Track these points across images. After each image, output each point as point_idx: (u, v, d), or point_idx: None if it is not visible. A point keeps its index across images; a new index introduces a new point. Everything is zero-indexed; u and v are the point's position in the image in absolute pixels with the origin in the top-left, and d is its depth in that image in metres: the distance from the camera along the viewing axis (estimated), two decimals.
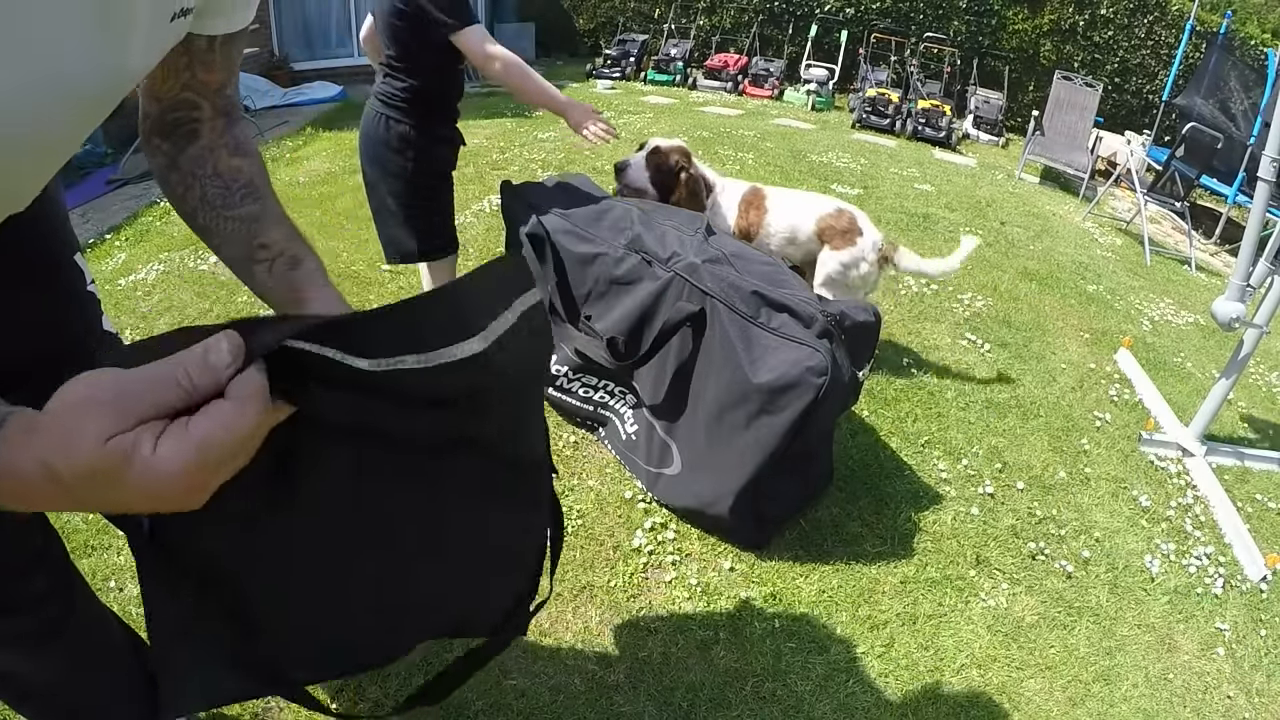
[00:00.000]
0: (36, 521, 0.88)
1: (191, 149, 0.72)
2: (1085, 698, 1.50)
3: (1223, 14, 6.53)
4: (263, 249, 0.71)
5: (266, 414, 0.39)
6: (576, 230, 1.86)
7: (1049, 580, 1.78)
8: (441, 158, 2.03)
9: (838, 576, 1.68)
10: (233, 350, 0.39)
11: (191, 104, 0.71)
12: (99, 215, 3.55)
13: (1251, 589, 1.86)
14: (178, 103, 0.70)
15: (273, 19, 6.83)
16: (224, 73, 0.72)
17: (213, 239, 0.73)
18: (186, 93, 0.70)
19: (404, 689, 1.33)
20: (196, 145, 0.72)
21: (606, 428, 1.96)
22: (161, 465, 0.36)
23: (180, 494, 0.38)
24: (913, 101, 7.09)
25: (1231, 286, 2.20)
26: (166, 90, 0.69)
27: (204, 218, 0.72)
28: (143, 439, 0.36)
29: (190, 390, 0.38)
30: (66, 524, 1.60)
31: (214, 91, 0.72)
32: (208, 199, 0.72)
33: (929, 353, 2.69)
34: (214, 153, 0.72)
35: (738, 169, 4.64)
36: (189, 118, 0.71)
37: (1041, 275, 3.62)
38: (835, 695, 1.42)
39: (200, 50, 0.68)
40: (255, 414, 0.38)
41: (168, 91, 0.69)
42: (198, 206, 0.72)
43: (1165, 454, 2.34)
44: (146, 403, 0.37)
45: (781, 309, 1.60)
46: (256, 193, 0.74)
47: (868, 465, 2.04)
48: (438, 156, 2.02)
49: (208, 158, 0.72)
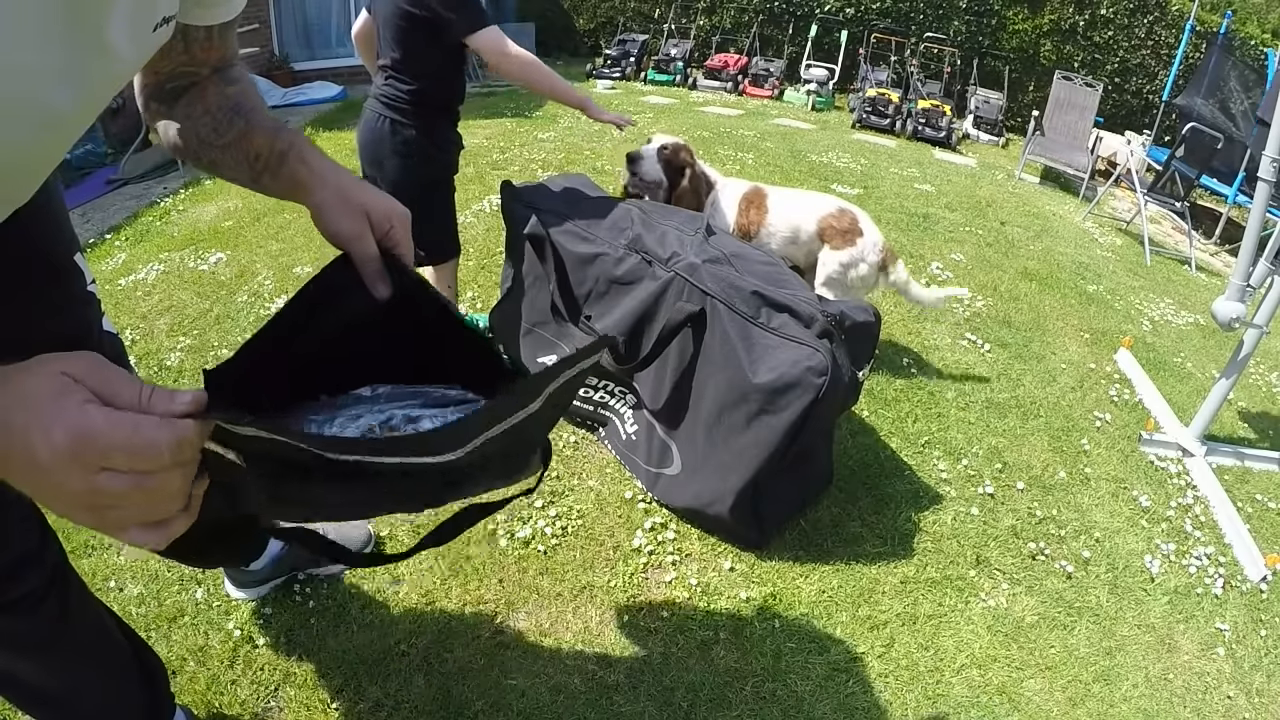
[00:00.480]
0: (33, 521, 0.88)
1: (185, 98, 0.74)
2: (1085, 698, 1.50)
3: (1223, 14, 6.53)
4: (257, 160, 0.73)
5: (171, 454, 0.41)
6: (577, 230, 1.86)
7: (1049, 580, 1.78)
8: (444, 162, 2.03)
9: (838, 576, 1.68)
10: (197, 400, 0.43)
11: (190, 74, 0.73)
12: (99, 215, 3.55)
13: (1251, 589, 1.86)
14: (175, 74, 0.72)
15: (273, 19, 6.83)
16: (222, 49, 0.74)
17: (221, 172, 0.75)
18: (184, 68, 0.72)
19: (405, 688, 1.33)
20: (190, 93, 0.74)
21: (606, 428, 1.96)
22: (63, 415, 0.39)
23: (49, 459, 0.39)
24: (913, 101, 7.09)
25: (1231, 286, 2.20)
26: (164, 67, 0.71)
27: (206, 155, 0.74)
28: (81, 390, 0.40)
29: (140, 401, 0.41)
30: (65, 524, 1.60)
31: (213, 63, 0.74)
32: (202, 136, 0.73)
33: (929, 353, 2.69)
34: (204, 93, 0.74)
35: (738, 169, 4.64)
36: (187, 84, 0.74)
37: (1041, 275, 3.62)
38: (835, 695, 1.42)
39: (198, 39, 0.71)
40: (155, 441, 0.40)
41: (165, 68, 0.71)
42: (198, 147, 0.74)
43: (1165, 454, 2.34)
44: (108, 379, 0.41)
45: (782, 309, 1.60)
46: (240, 109, 0.74)
47: (868, 465, 2.04)
48: (441, 160, 2.02)
49: (199, 100, 0.74)
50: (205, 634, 1.40)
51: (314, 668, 1.35)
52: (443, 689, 1.34)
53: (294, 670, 1.35)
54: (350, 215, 0.69)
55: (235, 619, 1.43)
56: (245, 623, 1.42)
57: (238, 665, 1.35)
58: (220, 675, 1.33)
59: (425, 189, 1.98)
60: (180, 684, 1.30)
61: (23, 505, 0.84)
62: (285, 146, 0.72)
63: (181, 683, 1.30)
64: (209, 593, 1.48)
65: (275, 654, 1.38)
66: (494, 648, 1.43)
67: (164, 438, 0.40)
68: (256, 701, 1.30)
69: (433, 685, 1.34)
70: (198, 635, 1.40)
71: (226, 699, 1.29)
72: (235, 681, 1.32)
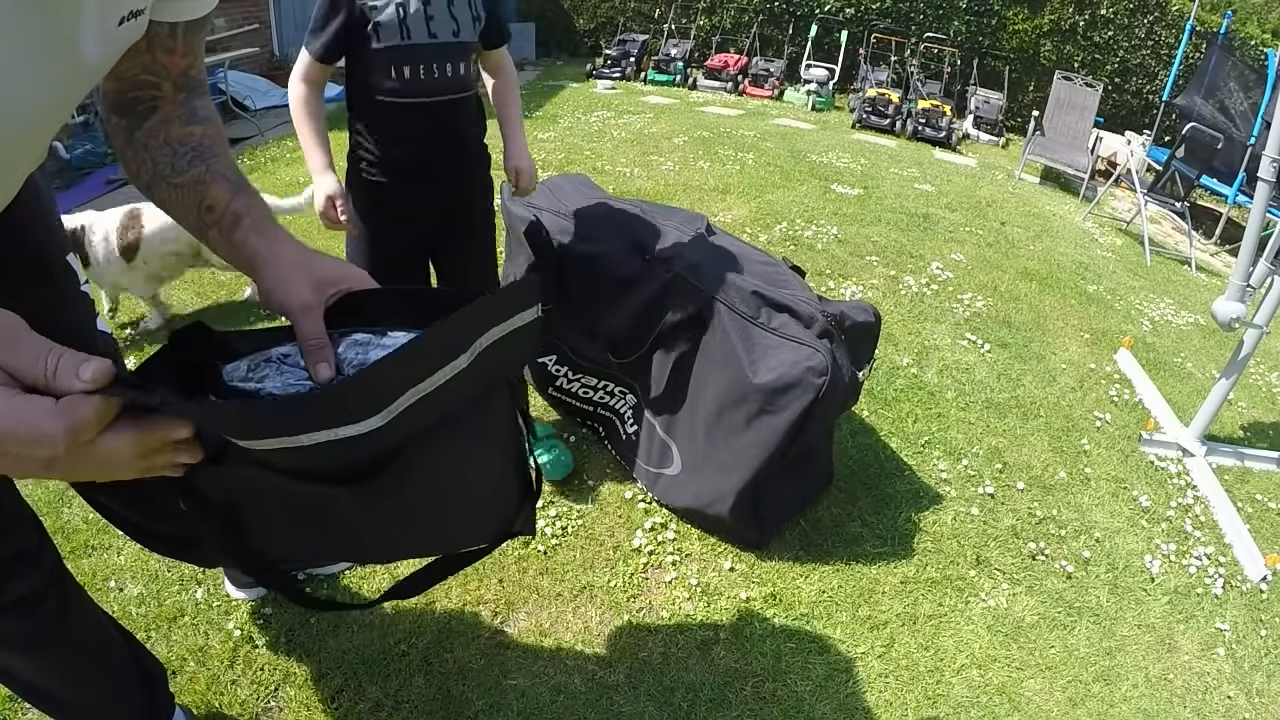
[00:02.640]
0: (29, 521, 0.89)
1: (148, 123, 0.69)
2: (1085, 698, 1.50)
3: (1223, 14, 6.53)
4: (209, 212, 0.67)
5: (67, 443, 0.41)
6: (577, 230, 1.86)
7: (1049, 580, 1.78)
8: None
9: (838, 576, 1.68)
10: (98, 376, 0.41)
11: (151, 84, 0.69)
12: None
13: (1251, 589, 1.86)
14: (137, 83, 0.68)
15: (273, 19, 6.83)
16: (187, 57, 0.70)
17: (170, 211, 0.70)
18: (146, 75, 0.68)
19: (405, 688, 1.33)
20: (153, 119, 0.69)
21: (606, 428, 1.96)
22: None
23: None
24: (913, 101, 7.09)
25: (1231, 286, 2.20)
26: (126, 70, 0.67)
27: (158, 191, 0.69)
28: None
29: (46, 376, 0.41)
30: (66, 524, 1.60)
31: (176, 74, 0.70)
32: (158, 169, 0.68)
33: (929, 353, 2.69)
34: (168, 124, 0.69)
35: (738, 169, 4.63)
36: (148, 96, 0.69)
37: (1041, 275, 3.62)
38: (835, 695, 1.42)
39: (161, 36, 0.66)
40: (48, 433, 0.40)
41: (127, 71, 0.67)
42: (152, 180, 0.69)
43: (1165, 454, 2.34)
44: (16, 351, 0.41)
45: (781, 309, 1.60)
46: (203, 154, 0.69)
47: (868, 465, 2.04)
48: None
49: (161, 129, 0.69)
50: (205, 634, 1.40)
51: (314, 668, 1.35)
52: (443, 689, 1.34)
53: (294, 670, 1.35)
54: (299, 288, 0.61)
55: (235, 619, 1.43)
56: (245, 623, 1.42)
57: (238, 665, 1.35)
58: (220, 675, 1.33)
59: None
60: (180, 684, 1.30)
61: (14, 502, 0.85)
62: (242, 209, 0.67)
63: (181, 683, 1.30)
64: (209, 593, 1.48)
65: (275, 654, 1.38)
66: (494, 648, 1.43)
67: (57, 429, 0.40)
68: (256, 701, 1.30)
69: (433, 685, 1.34)
70: (198, 635, 1.40)
71: (226, 699, 1.29)
72: (235, 681, 1.32)
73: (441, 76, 1.51)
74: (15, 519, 0.86)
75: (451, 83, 1.53)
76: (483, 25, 1.54)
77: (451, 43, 1.49)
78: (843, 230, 3.71)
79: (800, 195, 4.23)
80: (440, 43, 1.48)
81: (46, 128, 0.61)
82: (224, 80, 5.25)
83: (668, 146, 5.04)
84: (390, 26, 1.44)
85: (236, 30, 6.12)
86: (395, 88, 1.49)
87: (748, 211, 3.88)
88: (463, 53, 1.52)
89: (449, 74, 1.51)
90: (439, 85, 1.51)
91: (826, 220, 3.84)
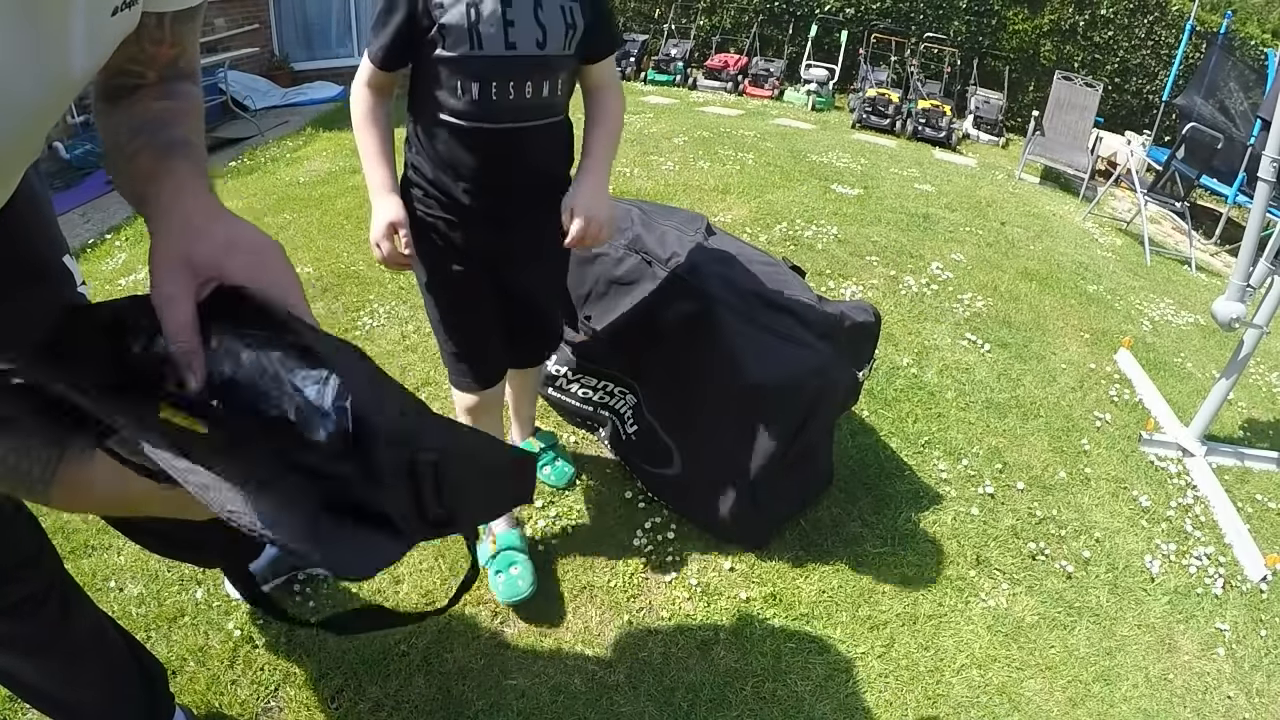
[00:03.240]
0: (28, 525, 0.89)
1: (124, 102, 0.66)
2: (1085, 698, 1.50)
3: (1223, 14, 6.53)
4: (132, 158, 0.60)
5: None
6: None
7: (1049, 580, 1.78)
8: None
9: (838, 576, 1.68)
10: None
11: (137, 73, 0.66)
12: (99, 215, 3.55)
13: (1252, 589, 1.86)
14: (123, 70, 0.66)
15: (273, 19, 6.83)
16: (175, 48, 0.68)
17: (118, 183, 0.63)
18: (132, 64, 0.66)
19: (405, 688, 1.33)
20: (130, 98, 0.66)
21: (606, 428, 1.96)
22: None
23: None
24: (913, 101, 7.08)
25: (1231, 286, 2.20)
26: (114, 60, 0.63)
27: (113, 163, 0.63)
28: None
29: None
30: (66, 523, 1.60)
31: (164, 64, 0.67)
32: (119, 143, 0.62)
33: (929, 353, 2.69)
34: (141, 102, 0.65)
35: (738, 169, 4.63)
36: (132, 84, 0.67)
37: (1041, 275, 3.62)
38: (835, 695, 1.42)
39: (149, 27, 0.64)
40: None
41: (115, 61, 0.64)
42: (112, 153, 0.63)
43: (1165, 454, 2.34)
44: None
45: (782, 309, 1.60)
46: (164, 123, 0.63)
47: (868, 465, 2.04)
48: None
49: (131, 107, 0.65)
50: (205, 634, 1.40)
51: (314, 668, 1.35)
52: (443, 689, 1.34)
53: (294, 670, 1.35)
54: (170, 268, 0.50)
55: (235, 619, 1.43)
56: (245, 623, 1.42)
57: (238, 665, 1.35)
58: (220, 675, 1.33)
59: None
60: (180, 684, 1.30)
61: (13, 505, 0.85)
62: (166, 141, 0.60)
63: (181, 683, 1.30)
64: (209, 593, 1.48)
65: (275, 654, 1.38)
66: (494, 648, 1.43)
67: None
68: (256, 701, 1.30)
69: (433, 685, 1.34)
70: (198, 635, 1.40)
71: (226, 699, 1.29)
72: (235, 681, 1.32)
73: (520, 97, 1.19)
74: (13, 521, 0.86)
75: (533, 106, 1.22)
76: (579, 35, 1.21)
77: (535, 56, 1.17)
78: (843, 230, 3.71)
79: (800, 195, 4.22)
80: (521, 55, 1.16)
81: (40, 124, 0.61)
82: (224, 80, 5.24)
83: (668, 146, 5.04)
84: (458, 31, 1.12)
85: (236, 30, 6.12)
86: (462, 108, 1.19)
87: (748, 211, 3.88)
88: (549, 69, 1.20)
89: (529, 94, 1.19)
90: (517, 108, 1.20)
91: (826, 220, 3.84)
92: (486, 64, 1.15)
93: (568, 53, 1.21)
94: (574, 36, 1.20)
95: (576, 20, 1.19)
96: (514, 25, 1.13)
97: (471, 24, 1.11)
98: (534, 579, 1.51)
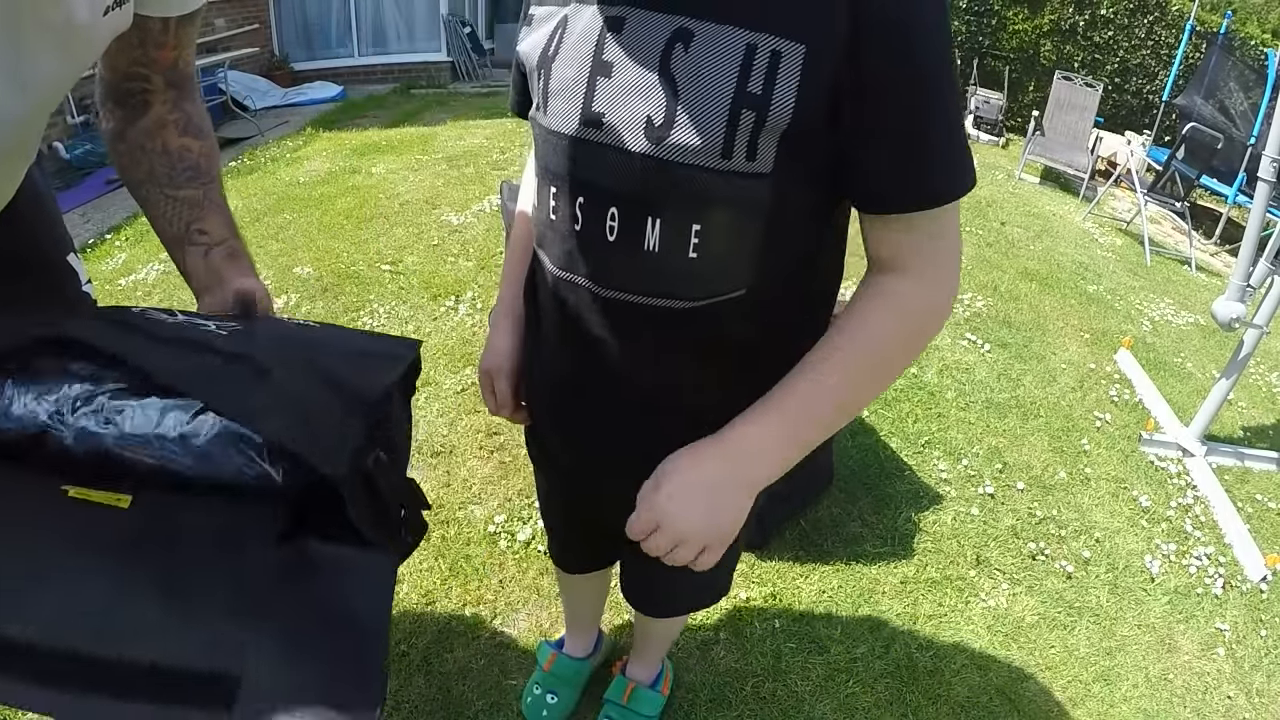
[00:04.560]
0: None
1: (142, 121, 0.73)
2: (1085, 698, 1.50)
3: (1223, 14, 6.52)
4: (201, 235, 0.73)
5: None
6: None
7: (1049, 580, 1.78)
8: None
9: (838, 576, 1.68)
10: None
11: (143, 77, 0.73)
12: (99, 215, 3.55)
13: (1251, 589, 1.86)
14: (130, 74, 0.72)
15: (273, 19, 6.83)
16: (176, 50, 0.74)
17: (151, 211, 0.75)
18: (138, 67, 0.72)
19: (405, 688, 1.33)
20: (147, 118, 0.73)
21: None
22: None
23: None
24: None
25: (1231, 286, 2.20)
26: (121, 63, 0.71)
27: (147, 191, 0.74)
28: None
29: None
30: None
31: (166, 68, 0.73)
32: (155, 175, 0.73)
33: (929, 353, 2.69)
34: (164, 129, 0.74)
35: None
36: (140, 89, 0.73)
37: (1041, 275, 3.62)
38: (835, 695, 1.42)
39: (154, 31, 0.70)
40: None
41: (121, 64, 0.71)
42: (144, 180, 0.74)
43: (1165, 454, 2.34)
44: None
45: None
46: (201, 177, 0.75)
47: (868, 465, 2.04)
48: None
49: (157, 133, 0.74)
50: None
51: None
52: (443, 689, 1.34)
53: None
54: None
55: None
56: None
57: None
58: None
59: None
60: None
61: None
62: (240, 251, 0.75)
63: None
64: None
65: None
66: (494, 648, 1.43)
67: None
68: None
69: (433, 685, 1.34)
70: None
71: None
72: None
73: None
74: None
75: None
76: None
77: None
78: None
79: None
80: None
81: (34, 125, 0.62)
82: (224, 80, 5.24)
83: None
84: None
85: (236, 30, 6.13)
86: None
87: None
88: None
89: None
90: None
91: None
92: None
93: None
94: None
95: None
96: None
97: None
98: (565, 717, 1.31)
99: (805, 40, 0.51)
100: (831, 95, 0.53)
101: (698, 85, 0.54)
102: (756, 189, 0.56)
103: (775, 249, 0.61)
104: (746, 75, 0.53)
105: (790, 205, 0.58)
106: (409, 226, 3.28)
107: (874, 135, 0.55)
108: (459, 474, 1.85)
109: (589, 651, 1.34)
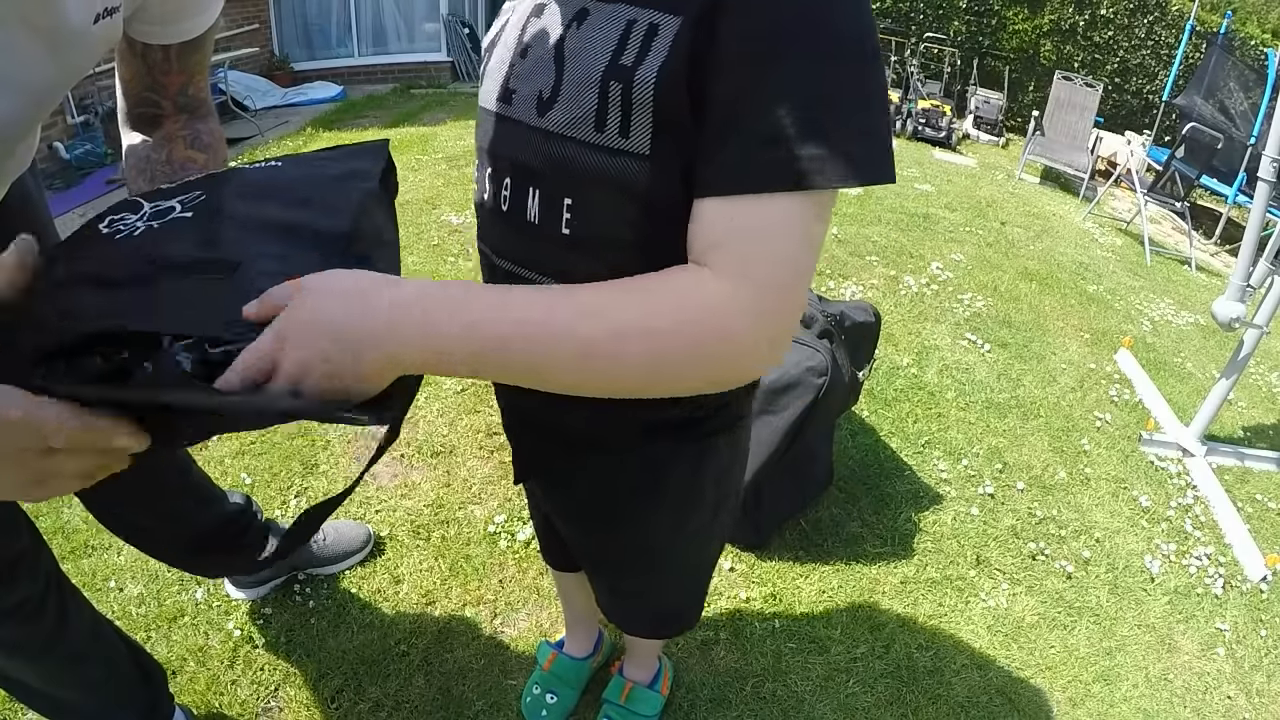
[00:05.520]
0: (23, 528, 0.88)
1: (155, 133, 0.76)
2: (1085, 698, 1.50)
3: (1223, 14, 6.53)
4: None
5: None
6: None
7: (1049, 580, 1.78)
8: None
9: (838, 576, 1.68)
10: None
11: (154, 102, 0.76)
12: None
13: (1252, 589, 1.86)
14: (142, 99, 0.75)
15: (273, 19, 6.83)
16: (183, 76, 0.76)
17: None
18: (148, 93, 0.75)
19: (405, 688, 1.33)
20: (157, 133, 0.76)
21: None
22: None
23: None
24: (913, 101, 7.08)
25: (1231, 286, 2.20)
26: (133, 89, 0.75)
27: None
28: None
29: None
30: (66, 524, 1.60)
31: (176, 93, 0.76)
32: (156, 183, 0.74)
33: (929, 353, 2.69)
34: (172, 142, 0.76)
35: None
36: (152, 114, 0.76)
37: (1041, 275, 3.62)
38: (835, 695, 1.42)
39: (157, 60, 0.73)
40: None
41: (134, 90, 0.75)
42: (146, 188, 0.75)
43: (1165, 454, 2.34)
44: None
45: None
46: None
47: (868, 465, 2.04)
48: None
49: (164, 146, 0.75)
50: (205, 634, 1.40)
51: (314, 668, 1.35)
52: (443, 689, 1.34)
53: (294, 670, 1.35)
54: None
55: (235, 619, 1.43)
56: (245, 623, 1.42)
57: (238, 665, 1.35)
58: (220, 675, 1.33)
59: None
60: (180, 684, 1.30)
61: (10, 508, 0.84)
62: None
63: (181, 683, 1.30)
64: (209, 593, 1.48)
65: (275, 654, 1.38)
66: (494, 648, 1.43)
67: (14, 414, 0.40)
68: (256, 701, 1.30)
69: (433, 685, 1.34)
70: (198, 635, 1.40)
71: (226, 699, 1.29)
72: (235, 681, 1.32)
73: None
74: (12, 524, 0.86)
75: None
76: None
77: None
78: (843, 230, 3.71)
79: None
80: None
81: (23, 129, 0.63)
82: (224, 80, 5.24)
83: None
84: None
85: (236, 30, 6.13)
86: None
87: None
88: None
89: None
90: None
91: None
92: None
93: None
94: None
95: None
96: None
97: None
98: (565, 716, 1.31)
99: (681, 11, 0.51)
100: (690, 66, 0.50)
101: (579, 60, 0.56)
102: (632, 169, 0.54)
103: (655, 243, 0.56)
104: (622, 48, 0.53)
105: (669, 197, 0.54)
106: (409, 226, 3.28)
107: (710, 107, 0.50)
108: (459, 474, 1.85)
109: (589, 652, 1.35)
